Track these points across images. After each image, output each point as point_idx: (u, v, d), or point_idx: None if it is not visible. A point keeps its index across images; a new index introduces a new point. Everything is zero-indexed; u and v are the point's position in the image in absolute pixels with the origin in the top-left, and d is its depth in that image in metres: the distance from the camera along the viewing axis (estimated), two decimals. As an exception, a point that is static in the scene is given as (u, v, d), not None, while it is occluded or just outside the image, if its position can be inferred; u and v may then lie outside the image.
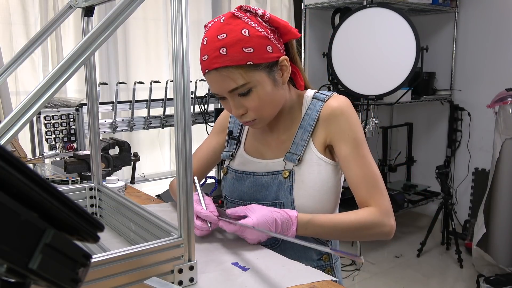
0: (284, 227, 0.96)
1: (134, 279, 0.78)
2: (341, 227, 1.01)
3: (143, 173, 2.67)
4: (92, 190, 1.21)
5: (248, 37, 0.94)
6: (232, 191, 1.15)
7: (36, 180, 0.35)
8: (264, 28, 0.97)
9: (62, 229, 0.38)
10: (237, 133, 1.20)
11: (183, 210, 0.80)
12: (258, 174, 1.11)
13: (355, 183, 1.03)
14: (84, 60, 0.68)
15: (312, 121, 1.06)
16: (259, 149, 1.15)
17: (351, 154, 1.02)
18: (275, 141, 1.12)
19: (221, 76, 0.96)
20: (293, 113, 1.11)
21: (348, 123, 1.03)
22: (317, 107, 1.07)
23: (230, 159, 1.18)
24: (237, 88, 0.97)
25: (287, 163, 1.07)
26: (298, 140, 1.07)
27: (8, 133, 0.62)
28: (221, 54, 0.94)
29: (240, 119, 1.04)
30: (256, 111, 1.01)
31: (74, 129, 2.18)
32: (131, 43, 2.86)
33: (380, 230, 1.02)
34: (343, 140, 1.03)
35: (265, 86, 0.98)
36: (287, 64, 1.02)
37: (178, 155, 0.78)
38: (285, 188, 1.06)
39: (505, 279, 2.66)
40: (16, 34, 2.45)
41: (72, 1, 1.04)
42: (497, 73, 3.41)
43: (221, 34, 0.95)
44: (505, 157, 2.80)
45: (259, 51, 0.95)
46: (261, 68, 0.97)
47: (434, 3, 3.41)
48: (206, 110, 2.71)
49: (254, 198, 1.11)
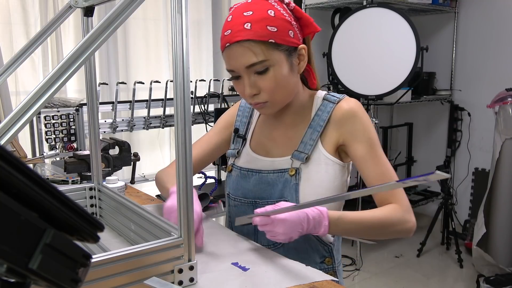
0: (316, 223, 0.94)
1: (134, 279, 0.78)
2: (369, 224, 1.00)
3: (143, 173, 2.67)
4: (92, 190, 1.21)
5: (273, 17, 0.97)
6: (236, 189, 1.14)
7: (36, 180, 0.35)
8: (288, 14, 1.00)
9: (62, 229, 0.38)
10: (243, 131, 1.19)
11: (183, 210, 0.80)
12: (263, 171, 1.10)
13: (374, 182, 1.03)
14: (84, 60, 0.68)
15: (322, 122, 1.07)
16: (265, 146, 1.14)
17: (368, 154, 1.03)
18: (282, 136, 1.12)
19: (242, 48, 0.96)
20: (302, 111, 1.11)
21: (362, 124, 1.05)
22: (328, 108, 1.07)
23: (236, 156, 1.17)
24: (255, 64, 0.97)
25: (294, 161, 1.07)
26: (306, 139, 1.07)
27: (8, 133, 0.62)
28: (245, 28, 0.96)
29: (252, 100, 1.03)
30: (269, 92, 1.00)
31: (74, 129, 2.18)
32: (131, 43, 2.86)
33: (404, 226, 1.02)
34: (358, 141, 1.04)
35: (282, 68, 0.99)
36: (304, 54, 1.03)
37: (178, 155, 0.78)
38: (291, 186, 1.05)
39: (505, 279, 2.66)
40: (16, 34, 2.45)
41: (72, 1, 1.04)
42: (497, 73, 3.41)
43: (247, 11, 0.97)
44: (505, 157, 2.80)
45: (282, 32, 0.97)
46: (282, 49, 0.98)
47: (434, 3, 3.41)
48: (206, 110, 2.71)
49: (258, 196, 1.10)
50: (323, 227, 0.95)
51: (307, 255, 1.09)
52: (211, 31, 3.14)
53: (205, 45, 3.14)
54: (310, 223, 0.93)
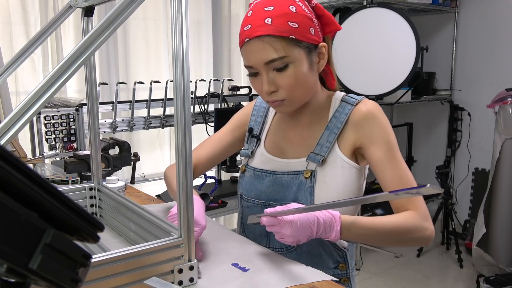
0: (327, 227, 0.91)
1: (134, 279, 0.78)
2: (384, 230, 0.96)
3: (143, 173, 2.67)
4: (92, 190, 1.21)
5: (294, 13, 0.95)
6: (249, 190, 1.12)
7: (36, 180, 0.35)
8: (310, 11, 0.98)
9: (62, 229, 0.38)
10: (258, 131, 1.17)
11: (183, 210, 0.80)
12: (278, 173, 1.08)
13: (390, 186, 0.99)
14: (84, 60, 0.68)
15: (340, 123, 1.04)
16: (280, 146, 1.11)
17: (385, 157, 1.00)
18: (297, 137, 1.10)
19: (262, 44, 0.94)
20: (320, 112, 1.08)
21: (380, 126, 1.02)
22: (346, 110, 1.05)
23: (249, 156, 1.15)
24: (275, 60, 0.94)
25: (309, 163, 1.04)
26: (323, 141, 1.05)
27: (8, 133, 0.62)
28: (265, 23, 0.93)
29: (269, 97, 1.00)
30: (288, 90, 0.98)
31: (74, 129, 2.18)
32: (131, 43, 2.86)
33: (422, 234, 0.97)
34: (376, 144, 1.01)
35: (302, 65, 0.97)
36: (325, 52, 1.01)
37: (178, 155, 0.78)
38: (306, 188, 1.03)
39: (505, 279, 2.66)
40: (16, 34, 2.45)
41: (72, 1, 1.04)
42: (497, 73, 3.41)
43: (268, 6, 0.95)
44: (505, 157, 2.80)
45: (303, 29, 0.95)
46: (302, 46, 0.96)
47: (434, 3, 3.41)
48: (206, 110, 2.71)
49: (272, 198, 1.08)
50: (334, 231, 0.91)
51: (321, 259, 1.06)
52: (211, 31, 3.14)
53: (205, 45, 3.14)
54: (320, 226, 0.90)
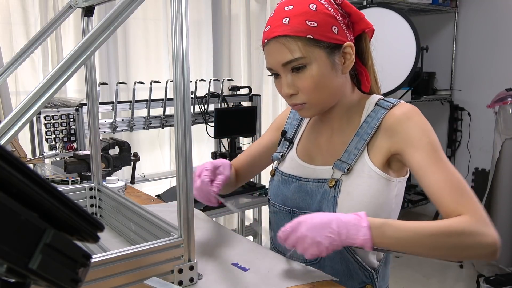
0: (351, 227, 0.79)
1: (134, 279, 0.78)
2: (428, 232, 0.81)
3: (143, 173, 2.67)
4: (92, 190, 1.21)
5: (314, 12, 0.90)
6: (276, 195, 1.07)
7: (36, 180, 0.35)
8: (334, 9, 0.93)
9: (62, 229, 0.38)
10: (292, 134, 1.12)
11: (183, 210, 0.80)
12: (304, 179, 1.02)
13: (437, 191, 0.86)
14: (84, 60, 0.68)
15: (370, 129, 0.96)
16: (310, 152, 1.06)
17: (428, 160, 0.88)
18: (327, 143, 1.04)
19: (278, 45, 0.91)
20: (351, 116, 1.01)
21: (418, 127, 0.91)
22: (379, 115, 0.96)
23: (280, 160, 1.11)
24: (291, 61, 0.90)
25: (335, 171, 0.97)
26: (351, 148, 0.97)
27: (8, 133, 0.62)
28: (283, 24, 0.90)
29: (289, 101, 0.96)
30: (307, 92, 0.93)
31: (74, 129, 2.18)
32: (131, 43, 2.86)
33: (481, 239, 0.80)
34: (414, 147, 0.90)
35: (321, 66, 0.91)
36: (351, 52, 0.94)
37: (178, 155, 0.78)
38: (329, 198, 0.95)
39: (505, 279, 2.66)
40: (16, 34, 2.45)
41: (72, 1, 1.04)
42: (497, 73, 3.41)
43: (288, 6, 0.92)
44: (505, 157, 2.80)
45: (323, 28, 0.90)
46: (321, 46, 0.90)
47: (434, 3, 3.41)
48: (206, 110, 2.71)
49: (297, 205, 1.02)
50: (362, 233, 0.79)
51: (344, 277, 0.96)
52: (211, 31, 3.14)
53: (205, 45, 3.14)
54: (342, 226, 0.80)
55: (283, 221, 1.02)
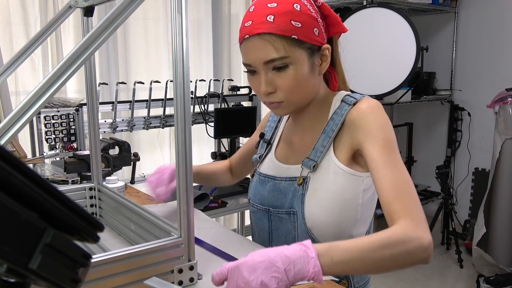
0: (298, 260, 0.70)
1: (134, 279, 0.78)
2: (371, 247, 0.76)
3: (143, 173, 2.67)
4: (92, 190, 1.21)
5: (298, 12, 0.90)
6: (255, 195, 1.09)
7: (36, 180, 0.35)
8: (315, 11, 0.94)
9: (62, 229, 0.38)
10: (269, 135, 1.14)
11: (183, 210, 0.80)
12: (277, 178, 1.04)
13: (383, 188, 0.87)
14: (84, 60, 0.68)
15: (335, 126, 0.97)
16: (286, 152, 1.08)
17: (380, 156, 0.89)
18: (299, 141, 1.06)
19: (262, 42, 0.90)
20: (320, 114, 1.03)
21: (377, 123, 0.92)
22: (343, 111, 0.98)
23: (258, 161, 1.13)
24: (275, 59, 0.90)
25: (303, 169, 0.99)
26: (318, 146, 0.99)
27: (8, 133, 0.62)
28: (267, 21, 0.89)
29: (266, 98, 0.96)
30: (286, 91, 0.93)
31: (74, 129, 2.18)
32: (131, 43, 2.86)
33: (417, 243, 0.78)
34: (371, 141, 0.91)
35: (303, 67, 0.92)
36: (328, 54, 0.96)
37: (178, 155, 0.78)
38: (298, 196, 0.98)
39: (505, 279, 2.66)
40: (16, 34, 2.45)
41: (72, 1, 1.04)
42: (497, 73, 3.41)
43: (271, 3, 0.91)
44: (505, 157, 2.80)
45: (306, 29, 0.91)
46: (304, 47, 0.91)
47: (434, 3, 3.41)
48: (206, 110, 2.71)
49: (272, 204, 1.04)
50: (311, 265, 0.70)
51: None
52: (211, 31, 3.14)
53: (205, 45, 3.14)
54: (289, 260, 0.69)
55: (261, 220, 1.08)
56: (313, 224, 0.96)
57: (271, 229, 1.05)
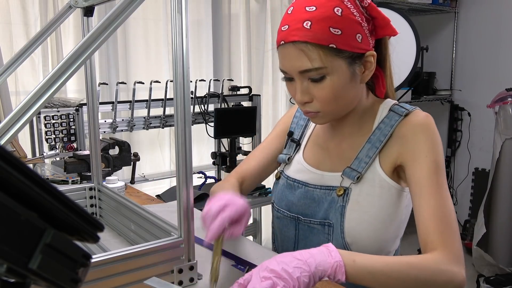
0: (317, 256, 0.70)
1: (134, 279, 0.78)
2: (395, 261, 0.76)
3: (143, 173, 2.67)
4: (92, 190, 1.21)
5: (339, 17, 0.82)
6: (281, 199, 1.03)
7: (36, 180, 0.35)
8: (360, 13, 0.86)
9: (62, 229, 0.38)
10: (298, 135, 1.07)
11: (183, 210, 0.80)
12: (310, 185, 0.97)
13: (424, 215, 0.82)
14: (84, 60, 0.68)
15: (383, 137, 0.91)
16: (318, 157, 1.01)
17: (427, 180, 0.84)
18: (336, 148, 0.99)
19: (296, 51, 0.84)
20: (364, 121, 0.96)
21: (429, 143, 0.87)
22: (393, 121, 0.91)
23: (286, 163, 1.06)
24: (310, 70, 0.84)
25: (344, 179, 0.92)
26: (362, 155, 0.92)
27: (8, 133, 0.62)
28: (303, 27, 0.82)
29: (302, 107, 0.91)
30: (323, 102, 0.87)
31: (74, 129, 2.18)
32: (131, 43, 2.86)
33: (448, 278, 0.76)
34: (419, 161, 0.85)
35: (341, 77, 0.85)
36: (372, 61, 0.89)
37: (178, 155, 0.78)
38: (337, 207, 0.91)
39: (505, 279, 2.66)
40: (16, 34, 2.45)
41: (72, 1, 1.04)
42: (497, 73, 3.41)
43: (310, 6, 0.83)
44: (505, 157, 2.80)
45: (347, 36, 0.83)
46: (343, 56, 0.84)
47: (434, 3, 3.41)
48: (206, 110, 2.70)
49: (302, 212, 0.97)
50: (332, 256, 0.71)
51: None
52: (211, 31, 3.14)
53: (205, 45, 3.14)
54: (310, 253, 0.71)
55: (287, 227, 1.01)
56: (353, 239, 0.90)
57: (297, 238, 1.00)
